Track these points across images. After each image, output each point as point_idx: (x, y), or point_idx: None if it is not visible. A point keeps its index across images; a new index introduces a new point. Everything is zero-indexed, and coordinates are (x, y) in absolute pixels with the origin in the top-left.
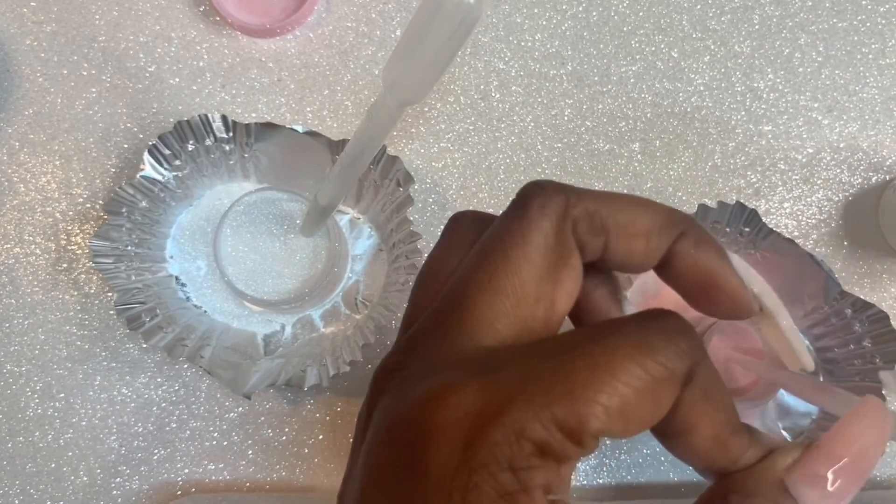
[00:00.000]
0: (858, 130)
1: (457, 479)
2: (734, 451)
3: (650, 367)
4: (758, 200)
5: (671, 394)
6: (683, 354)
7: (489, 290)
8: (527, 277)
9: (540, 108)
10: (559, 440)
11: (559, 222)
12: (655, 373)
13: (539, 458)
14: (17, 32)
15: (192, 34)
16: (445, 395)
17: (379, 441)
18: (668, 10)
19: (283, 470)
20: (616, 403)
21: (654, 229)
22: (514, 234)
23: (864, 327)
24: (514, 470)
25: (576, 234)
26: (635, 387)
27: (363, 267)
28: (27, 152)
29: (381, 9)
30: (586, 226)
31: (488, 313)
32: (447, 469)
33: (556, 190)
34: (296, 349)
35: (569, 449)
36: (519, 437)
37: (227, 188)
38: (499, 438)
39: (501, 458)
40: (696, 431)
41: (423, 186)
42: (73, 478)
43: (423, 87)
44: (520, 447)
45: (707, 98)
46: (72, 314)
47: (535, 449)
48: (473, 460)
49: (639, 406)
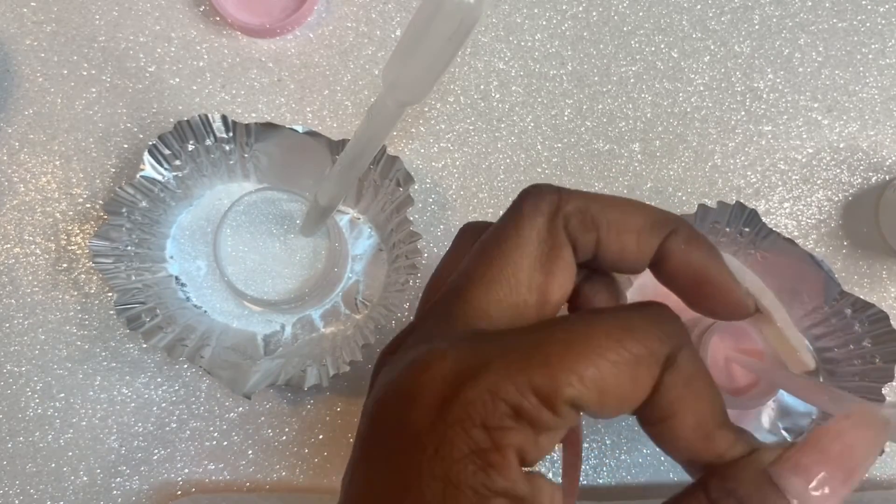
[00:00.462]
0: (858, 130)
1: (432, 434)
2: (718, 445)
3: (628, 344)
4: (757, 200)
5: (649, 374)
6: (664, 336)
7: (484, 279)
8: (519, 267)
9: (540, 108)
10: (534, 404)
11: (551, 218)
12: (633, 350)
13: (513, 420)
14: (16, 32)
15: (192, 34)
16: (428, 360)
17: (368, 410)
18: (667, 10)
19: (283, 470)
20: (591, 374)
21: (645, 226)
22: (508, 229)
23: (864, 327)
24: (487, 428)
25: (568, 229)
26: (611, 360)
27: (363, 267)
28: (27, 152)
29: (380, 9)
30: (578, 222)
31: (483, 300)
32: (424, 424)
33: (549, 190)
34: (296, 349)
35: (543, 414)
36: (493, 398)
37: (227, 188)
38: (473, 397)
39: (475, 416)
40: (679, 419)
41: (423, 186)
42: (73, 478)
43: (423, 88)
44: (494, 407)
45: (707, 98)
46: (72, 314)
47: (510, 411)
48: (448, 416)
49: (615, 381)
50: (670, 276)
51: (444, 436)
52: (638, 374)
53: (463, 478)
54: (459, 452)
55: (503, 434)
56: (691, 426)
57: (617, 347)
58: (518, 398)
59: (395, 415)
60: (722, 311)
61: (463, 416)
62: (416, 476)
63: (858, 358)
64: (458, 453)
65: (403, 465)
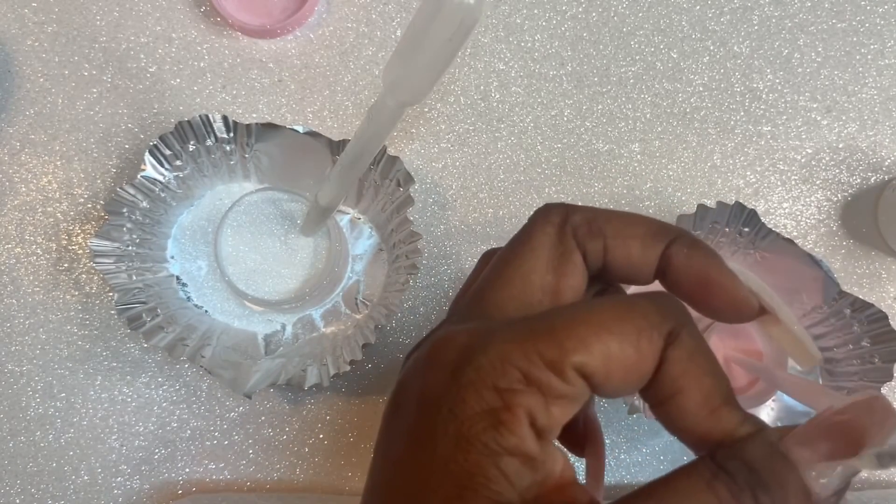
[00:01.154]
0: (857, 131)
1: (446, 396)
2: (726, 422)
3: (630, 317)
4: (757, 201)
5: (652, 346)
6: (666, 312)
7: (500, 280)
8: (531, 269)
9: (540, 109)
10: (541, 368)
11: (560, 227)
12: (636, 322)
13: (523, 384)
14: (18, 33)
15: (192, 35)
16: (444, 337)
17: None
18: (667, 10)
19: (283, 469)
20: (596, 341)
21: (648, 234)
22: (522, 239)
23: (863, 327)
24: (497, 389)
25: (576, 237)
26: (615, 331)
27: (363, 267)
28: (28, 152)
29: (381, 9)
30: (585, 230)
31: (498, 298)
32: (439, 389)
33: (557, 204)
34: (296, 349)
35: (552, 379)
36: (503, 363)
37: (227, 188)
38: (484, 362)
39: (486, 379)
40: (685, 394)
41: (423, 186)
42: (73, 477)
43: (424, 88)
44: (504, 371)
45: (706, 98)
46: (73, 314)
47: (520, 375)
48: (462, 379)
49: (620, 350)
50: (676, 281)
51: (457, 396)
52: (641, 345)
53: (474, 433)
54: (471, 411)
55: (513, 395)
56: (698, 402)
57: (620, 320)
58: (527, 364)
59: (413, 385)
60: (727, 311)
61: (475, 378)
62: (429, 435)
63: (857, 358)
64: (470, 411)
65: (419, 427)
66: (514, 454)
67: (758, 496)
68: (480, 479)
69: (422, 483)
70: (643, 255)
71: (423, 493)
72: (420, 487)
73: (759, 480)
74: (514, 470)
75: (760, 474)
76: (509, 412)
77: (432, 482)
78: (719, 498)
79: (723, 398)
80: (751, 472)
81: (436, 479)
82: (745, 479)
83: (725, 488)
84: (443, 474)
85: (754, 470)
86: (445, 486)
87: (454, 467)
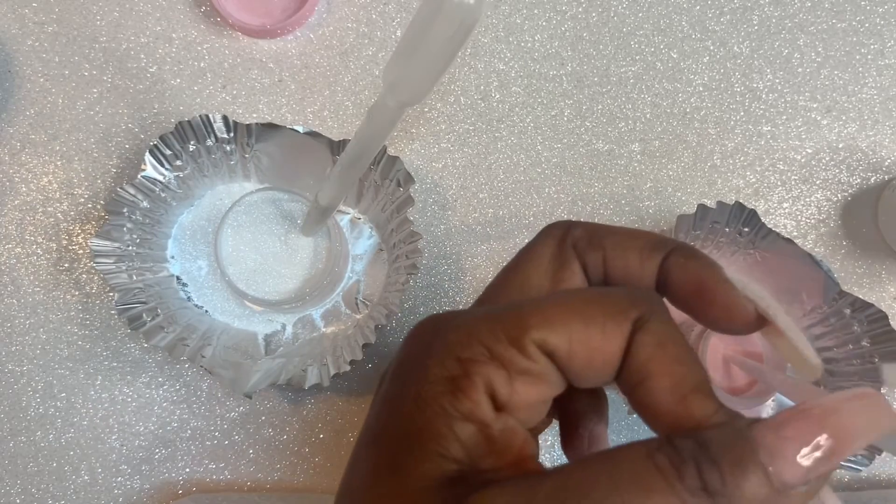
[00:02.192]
0: (857, 131)
1: (415, 366)
2: (696, 410)
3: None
4: (757, 200)
5: (620, 328)
6: (636, 300)
7: (502, 285)
8: (531, 275)
9: (540, 109)
10: (504, 344)
11: (561, 240)
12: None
13: (486, 357)
14: (18, 33)
15: (193, 35)
16: (428, 318)
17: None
18: (667, 10)
19: (283, 469)
20: (559, 321)
21: (646, 245)
22: (525, 250)
23: (863, 327)
24: (460, 360)
25: (576, 248)
26: (582, 312)
27: (363, 267)
28: (29, 152)
29: (381, 10)
30: (585, 243)
31: (496, 300)
32: (413, 359)
33: (560, 221)
34: (296, 349)
35: (514, 355)
36: (469, 337)
37: (227, 188)
38: (451, 337)
39: (452, 350)
40: (653, 380)
41: (423, 187)
42: (74, 477)
43: (424, 88)
44: (468, 344)
45: (706, 98)
46: (73, 314)
47: (484, 349)
48: (431, 351)
49: (584, 331)
50: (674, 291)
51: (423, 365)
52: (607, 328)
53: (432, 395)
54: (434, 376)
55: (473, 365)
56: (666, 388)
57: (588, 303)
58: (491, 339)
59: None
60: (724, 318)
61: (441, 349)
62: (398, 398)
63: (857, 357)
64: (432, 377)
65: (390, 392)
66: (469, 419)
67: (702, 469)
68: (432, 436)
69: (387, 439)
70: (641, 267)
71: (385, 448)
72: (384, 443)
73: (706, 455)
74: (467, 435)
75: (710, 449)
76: (468, 379)
77: (393, 438)
78: (659, 467)
79: (694, 386)
80: (699, 447)
81: (396, 436)
82: (690, 452)
83: (666, 458)
84: (402, 431)
85: (704, 446)
86: (401, 441)
87: (411, 426)
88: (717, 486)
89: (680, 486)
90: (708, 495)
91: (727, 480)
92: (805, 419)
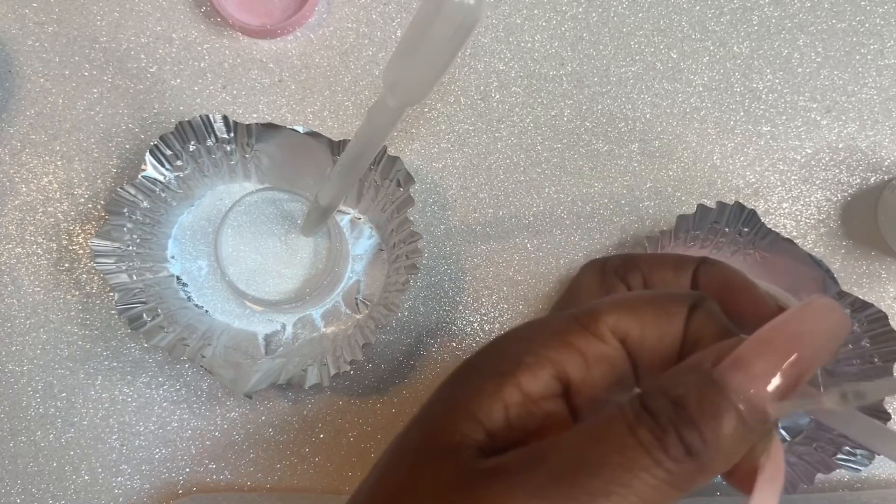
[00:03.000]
0: (857, 131)
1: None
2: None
3: (659, 292)
4: (756, 201)
5: (680, 311)
6: (692, 292)
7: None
8: (583, 301)
9: (540, 109)
10: (579, 331)
11: (602, 268)
12: (664, 295)
13: (561, 344)
14: (18, 33)
15: (193, 35)
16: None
17: None
18: (667, 11)
19: (284, 469)
20: (629, 306)
21: (679, 263)
22: (572, 285)
23: (863, 327)
24: (531, 343)
25: (618, 274)
26: (648, 300)
27: (363, 267)
28: (29, 153)
29: (381, 10)
30: (623, 268)
31: None
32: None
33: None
34: (296, 349)
35: (589, 341)
36: (544, 331)
37: (228, 188)
38: (524, 331)
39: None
40: (705, 341)
41: (423, 187)
42: (74, 477)
43: (424, 88)
44: (543, 334)
45: (706, 99)
46: (73, 314)
47: (561, 339)
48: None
49: (653, 314)
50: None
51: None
52: (672, 311)
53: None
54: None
55: (546, 350)
56: (714, 335)
57: (652, 295)
58: (567, 330)
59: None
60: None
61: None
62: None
63: (857, 358)
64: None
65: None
66: (519, 388)
67: (682, 434)
68: (476, 393)
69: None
70: (677, 278)
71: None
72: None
73: (683, 417)
74: (512, 401)
75: (686, 410)
76: (534, 357)
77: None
78: (643, 443)
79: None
80: (675, 409)
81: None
82: (668, 417)
83: (648, 431)
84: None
85: (679, 405)
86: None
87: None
88: (699, 447)
89: (665, 457)
90: (692, 458)
91: (707, 437)
92: (770, 350)
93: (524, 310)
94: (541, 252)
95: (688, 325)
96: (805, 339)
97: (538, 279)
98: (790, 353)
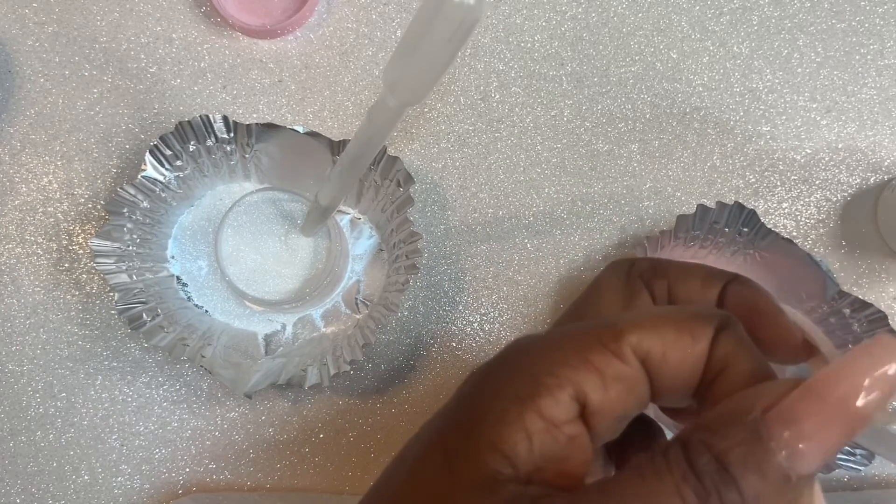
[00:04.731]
0: (857, 131)
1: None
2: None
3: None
4: (756, 201)
5: (705, 333)
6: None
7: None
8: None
9: (539, 109)
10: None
11: (628, 271)
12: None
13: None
14: (18, 33)
15: (193, 35)
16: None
17: None
18: (666, 11)
19: (283, 469)
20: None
21: (708, 275)
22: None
23: (863, 327)
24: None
25: (643, 278)
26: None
27: (363, 267)
28: (29, 153)
29: (381, 10)
30: (650, 273)
31: None
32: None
33: (623, 258)
34: (296, 349)
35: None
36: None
37: (228, 188)
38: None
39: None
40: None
41: (423, 187)
42: (74, 477)
43: (424, 88)
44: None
45: (706, 99)
46: (73, 314)
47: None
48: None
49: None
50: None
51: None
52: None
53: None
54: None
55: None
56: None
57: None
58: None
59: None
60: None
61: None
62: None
63: None
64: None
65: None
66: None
67: (723, 495)
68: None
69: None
70: (703, 293)
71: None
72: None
73: (726, 479)
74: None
75: (729, 471)
76: (554, 378)
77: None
78: (686, 502)
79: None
80: (719, 472)
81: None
82: (711, 479)
83: (693, 492)
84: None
85: (723, 468)
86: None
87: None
88: (737, 502)
89: None
90: None
91: (746, 494)
92: (820, 403)
93: (524, 310)
94: (541, 252)
95: (713, 349)
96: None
97: (538, 279)
98: (846, 412)
